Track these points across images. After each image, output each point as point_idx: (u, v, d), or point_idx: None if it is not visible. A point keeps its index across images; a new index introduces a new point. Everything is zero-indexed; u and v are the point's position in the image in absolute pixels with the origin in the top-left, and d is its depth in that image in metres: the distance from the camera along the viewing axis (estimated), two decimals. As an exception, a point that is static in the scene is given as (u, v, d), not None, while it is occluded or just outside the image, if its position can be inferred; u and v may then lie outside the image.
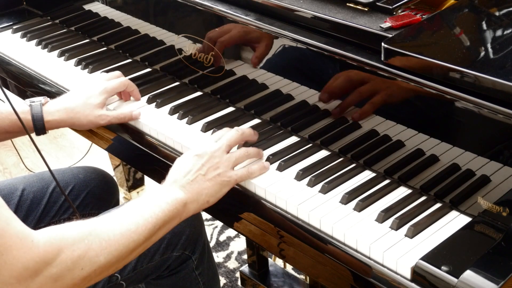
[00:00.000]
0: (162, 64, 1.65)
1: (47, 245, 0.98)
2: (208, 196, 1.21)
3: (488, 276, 0.98)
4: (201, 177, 1.20)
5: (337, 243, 1.13)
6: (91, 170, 1.65)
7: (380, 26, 1.25)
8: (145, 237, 1.10)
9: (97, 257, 1.02)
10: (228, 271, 2.31)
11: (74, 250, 1.00)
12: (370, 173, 1.27)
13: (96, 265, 1.02)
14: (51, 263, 0.97)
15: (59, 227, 1.03)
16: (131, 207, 1.12)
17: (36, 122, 1.41)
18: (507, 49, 1.15)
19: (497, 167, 1.12)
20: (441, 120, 1.19)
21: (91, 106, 1.44)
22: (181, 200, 1.16)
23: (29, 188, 1.54)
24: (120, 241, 1.05)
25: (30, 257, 0.95)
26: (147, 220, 1.10)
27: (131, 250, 1.07)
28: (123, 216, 1.09)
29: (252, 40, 1.43)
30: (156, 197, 1.16)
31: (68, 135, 3.19)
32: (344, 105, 1.32)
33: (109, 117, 1.46)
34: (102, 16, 1.81)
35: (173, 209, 1.15)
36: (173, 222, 1.16)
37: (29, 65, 1.76)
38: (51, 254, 0.97)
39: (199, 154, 1.23)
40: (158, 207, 1.13)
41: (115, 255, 1.05)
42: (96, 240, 1.03)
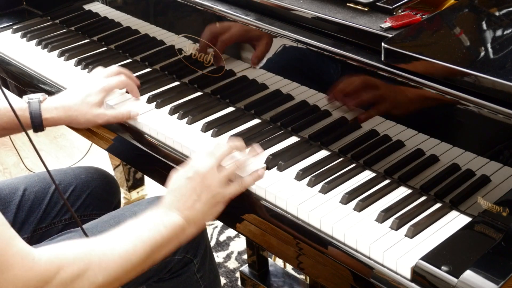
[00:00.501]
0: (162, 64, 1.65)
1: (47, 263, 0.99)
2: (205, 219, 1.21)
3: (488, 276, 0.98)
4: (196, 201, 1.19)
5: (337, 243, 1.13)
6: (92, 171, 1.65)
7: (380, 26, 1.25)
8: (142, 259, 1.11)
9: (95, 276, 1.03)
10: (228, 271, 2.31)
11: (74, 270, 1.01)
12: (370, 173, 1.27)
13: (94, 285, 1.03)
14: (51, 281, 0.98)
15: (60, 245, 1.04)
16: (129, 228, 1.13)
17: (34, 120, 1.42)
18: (507, 49, 1.15)
19: (497, 167, 1.12)
20: (441, 120, 1.19)
21: (89, 105, 1.44)
22: (179, 226, 1.17)
23: (30, 188, 1.54)
24: (118, 262, 1.06)
25: (31, 276, 0.96)
26: (145, 243, 1.11)
27: (128, 271, 1.09)
28: (122, 237, 1.10)
29: (252, 39, 1.43)
30: (155, 219, 1.16)
31: (68, 135, 3.19)
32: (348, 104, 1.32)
33: (106, 116, 1.46)
34: (102, 16, 1.81)
35: (171, 233, 1.15)
36: (171, 245, 1.16)
37: (29, 65, 1.76)
38: (51, 273, 0.98)
39: (191, 177, 1.20)
40: (157, 230, 1.13)
41: (112, 275, 1.06)
42: (95, 260, 1.04)
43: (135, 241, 1.10)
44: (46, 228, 1.54)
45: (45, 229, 1.54)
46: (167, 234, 1.14)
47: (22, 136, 3.20)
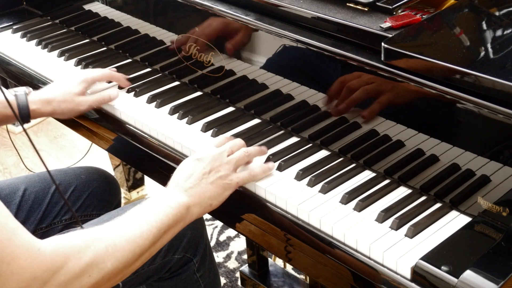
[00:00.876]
0: (162, 64, 1.65)
1: (53, 254, 0.98)
2: (211, 199, 1.20)
3: (488, 276, 0.98)
4: (203, 180, 1.20)
5: (337, 243, 1.13)
6: (93, 171, 1.65)
7: (380, 26, 1.25)
8: (151, 242, 1.10)
9: (104, 263, 1.02)
10: (228, 271, 2.31)
11: (81, 258, 1.00)
12: (370, 173, 1.27)
13: (103, 272, 1.02)
14: (59, 271, 0.97)
15: (65, 236, 1.03)
16: (134, 213, 1.12)
17: (22, 111, 1.47)
18: (507, 49, 1.15)
19: (497, 167, 1.12)
20: (441, 120, 1.19)
21: (71, 95, 1.51)
22: (184, 204, 1.16)
23: (30, 188, 1.54)
24: (126, 247, 1.05)
25: (37, 267, 0.95)
26: (151, 225, 1.10)
27: (137, 255, 1.07)
28: (128, 222, 1.09)
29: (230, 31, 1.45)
30: (159, 201, 1.15)
31: (68, 135, 3.19)
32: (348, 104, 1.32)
33: (88, 101, 1.52)
34: (102, 16, 1.81)
35: (177, 213, 1.14)
36: (177, 226, 1.16)
37: (29, 65, 1.76)
38: (58, 263, 0.98)
39: (200, 158, 1.23)
40: (162, 211, 1.13)
41: (121, 261, 1.04)
42: (102, 247, 1.03)
43: (141, 224, 1.09)
44: (46, 228, 1.54)
45: (46, 229, 1.54)
46: (172, 215, 1.13)
47: (22, 136, 3.20)
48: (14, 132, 3.18)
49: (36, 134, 3.23)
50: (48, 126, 3.28)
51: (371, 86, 1.25)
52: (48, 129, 3.27)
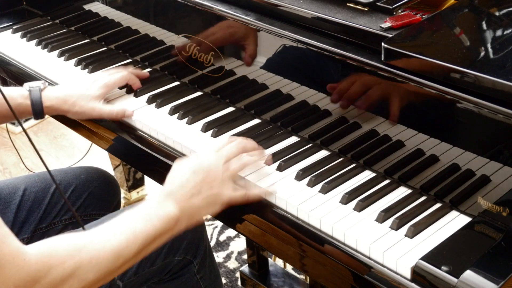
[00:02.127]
0: (162, 64, 1.65)
1: (38, 263, 0.98)
2: (200, 215, 1.20)
3: (488, 276, 0.98)
4: (195, 195, 1.17)
5: (337, 243, 1.13)
6: (93, 171, 1.65)
7: (380, 26, 1.25)
8: (135, 252, 1.09)
9: (86, 274, 1.02)
10: (228, 271, 2.31)
11: (65, 268, 1.00)
12: (370, 173, 1.27)
13: (84, 282, 1.02)
14: (41, 281, 0.98)
15: (51, 241, 1.03)
16: (123, 221, 1.11)
17: (35, 107, 1.45)
18: (507, 49, 1.15)
19: (497, 167, 1.12)
20: (441, 120, 1.19)
21: (88, 97, 1.48)
22: (174, 217, 1.15)
23: (30, 188, 1.54)
24: (109, 258, 1.05)
25: (21, 276, 0.96)
26: (137, 236, 1.09)
27: (119, 265, 1.07)
28: (114, 231, 1.09)
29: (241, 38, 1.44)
30: (149, 211, 1.14)
31: (68, 135, 3.19)
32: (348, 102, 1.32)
33: (101, 111, 1.49)
34: (102, 16, 1.81)
35: (165, 225, 1.13)
36: (164, 237, 1.14)
37: (29, 65, 1.76)
38: (41, 272, 0.98)
39: (196, 171, 1.19)
40: (150, 222, 1.12)
41: (103, 271, 1.05)
42: (86, 257, 1.02)
43: (127, 234, 1.08)
44: (46, 228, 1.54)
45: (45, 229, 1.54)
46: (160, 226, 1.12)
47: (22, 136, 3.20)
48: (14, 132, 3.18)
49: (36, 134, 3.23)
50: (48, 126, 3.28)
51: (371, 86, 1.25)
52: (48, 129, 3.27)
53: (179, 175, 1.20)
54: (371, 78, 1.24)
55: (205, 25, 1.53)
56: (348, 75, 1.29)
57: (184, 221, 1.17)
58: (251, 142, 1.29)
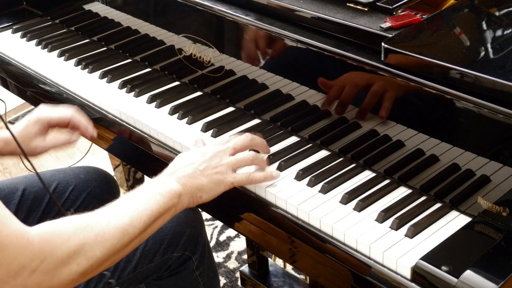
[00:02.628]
0: (162, 64, 1.65)
1: (42, 241, 0.98)
2: (202, 192, 1.19)
3: (488, 276, 0.98)
4: (198, 172, 1.19)
5: (337, 243, 1.13)
6: (92, 170, 1.65)
7: (380, 26, 1.25)
8: (140, 229, 1.09)
9: (93, 251, 1.02)
10: (228, 271, 2.31)
11: (70, 246, 1.00)
12: (370, 173, 1.27)
13: (92, 260, 1.02)
14: (47, 259, 0.98)
15: (54, 222, 1.03)
16: (126, 200, 1.12)
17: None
18: (507, 49, 1.15)
19: (497, 167, 1.12)
20: (441, 120, 1.19)
21: (29, 135, 1.44)
22: (176, 192, 1.15)
23: (30, 188, 1.54)
24: (115, 235, 1.05)
25: (26, 255, 0.96)
26: (141, 213, 1.10)
27: (126, 243, 1.07)
28: (119, 210, 1.09)
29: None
30: (151, 189, 1.15)
31: (68, 135, 3.19)
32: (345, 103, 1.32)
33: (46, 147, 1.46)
34: (102, 16, 1.81)
35: (168, 200, 1.14)
36: (168, 214, 1.15)
37: (29, 65, 1.76)
38: (46, 251, 0.98)
39: (203, 152, 1.23)
40: (153, 199, 1.12)
41: (110, 248, 1.05)
42: (91, 235, 1.03)
43: (131, 212, 1.09)
44: (46, 228, 1.54)
45: (45, 229, 1.54)
46: (163, 202, 1.13)
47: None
48: (14, 132, 3.18)
49: (36, 134, 3.22)
50: (48, 126, 3.28)
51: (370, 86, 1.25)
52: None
53: (184, 157, 1.22)
54: (370, 79, 1.24)
55: (205, 25, 1.53)
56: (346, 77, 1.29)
57: (186, 197, 1.17)
58: (259, 138, 1.30)
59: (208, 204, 1.37)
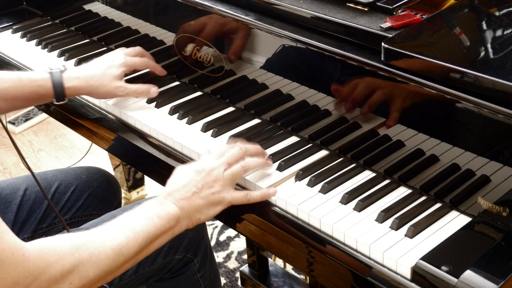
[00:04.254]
0: (162, 64, 1.65)
1: (37, 259, 0.97)
2: (200, 214, 1.19)
3: (488, 276, 0.98)
4: (195, 194, 1.18)
5: (337, 243, 1.13)
6: (93, 171, 1.65)
7: (380, 26, 1.25)
8: (135, 251, 1.09)
9: (86, 271, 1.02)
10: (228, 271, 2.31)
11: (64, 265, 1.00)
12: (370, 173, 1.27)
13: (85, 280, 1.02)
14: (40, 277, 0.97)
15: (51, 239, 1.03)
16: (122, 220, 1.11)
17: (57, 89, 1.44)
18: (507, 49, 1.15)
19: (497, 167, 1.12)
20: (441, 120, 1.19)
21: (110, 77, 1.48)
22: (174, 216, 1.15)
23: (31, 188, 1.54)
24: (110, 256, 1.05)
25: (20, 272, 0.95)
26: (137, 234, 1.09)
27: (120, 264, 1.07)
28: (114, 230, 1.09)
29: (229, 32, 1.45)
30: (149, 210, 1.14)
31: (68, 135, 3.20)
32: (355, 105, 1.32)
33: (127, 89, 1.49)
34: (102, 16, 1.82)
35: (165, 223, 1.13)
36: (165, 236, 1.15)
37: (29, 65, 1.76)
38: (40, 268, 0.97)
39: (197, 170, 1.21)
40: (150, 221, 1.12)
41: (104, 269, 1.04)
42: (86, 255, 1.02)
43: (127, 233, 1.08)
44: (47, 228, 1.54)
45: (46, 229, 1.54)
46: (161, 225, 1.12)
47: (22, 136, 3.20)
48: (14, 132, 3.19)
49: (36, 134, 3.23)
50: (48, 126, 3.28)
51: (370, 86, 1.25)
52: (48, 129, 3.27)
53: (180, 177, 1.21)
54: (370, 80, 1.24)
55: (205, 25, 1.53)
56: (348, 78, 1.29)
57: (185, 221, 1.17)
58: (254, 146, 1.29)
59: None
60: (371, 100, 1.27)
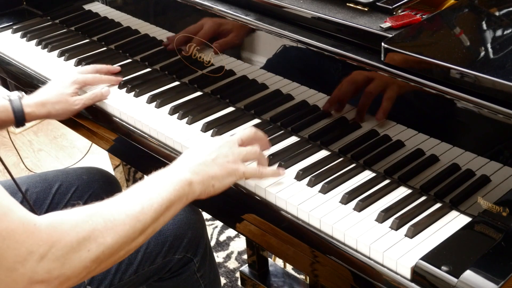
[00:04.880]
0: (162, 64, 1.65)
1: (50, 228, 0.96)
2: (214, 180, 1.18)
3: (488, 276, 0.98)
4: (210, 160, 1.18)
5: (337, 243, 1.13)
6: (94, 171, 1.65)
7: (380, 26, 1.25)
8: (152, 217, 1.07)
9: (103, 237, 1.00)
10: (228, 271, 2.31)
11: (78, 232, 0.98)
12: (370, 173, 1.27)
13: (103, 246, 1.00)
14: (56, 245, 0.96)
15: (61, 212, 1.02)
16: (135, 189, 1.11)
17: (17, 115, 1.49)
18: (507, 49, 1.15)
19: (497, 167, 1.12)
20: (441, 120, 1.19)
21: (64, 96, 1.54)
22: (187, 180, 1.14)
23: (32, 188, 1.54)
24: (126, 222, 1.03)
25: (33, 241, 0.94)
26: (152, 200, 1.08)
27: (139, 231, 1.05)
28: (128, 198, 1.08)
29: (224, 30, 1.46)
30: (161, 178, 1.14)
31: (68, 135, 3.20)
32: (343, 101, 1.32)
33: (82, 100, 1.55)
34: (102, 16, 1.82)
35: (179, 188, 1.12)
36: (180, 202, 1.13)
37: (29, 65, 1.76)
38: (54, 237, 0.96)
39: (211, 143, 1.23)
40: (163, 187, 1.11)
41: (122, 235, 1.03)
42: (100, 221, 1.01)
43: (142, 199, 1.07)
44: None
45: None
46: (174, 190, 1.12)
47: (22, 136, 3.20)
48: (14, 132, 3.19)
49: (36, 134, 3.23)
50: (48, 126, 3.28)
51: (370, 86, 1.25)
52: (48, 129, 3.27)
53: (193, 149, 1.22)
54: (370, 79, 1.24)
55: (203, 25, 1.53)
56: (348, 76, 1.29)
57: (198, 186, 1.16)
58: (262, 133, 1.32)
59: (208, 203, 1.38)
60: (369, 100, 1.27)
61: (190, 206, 1.45)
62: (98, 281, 1.37)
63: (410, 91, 1.19)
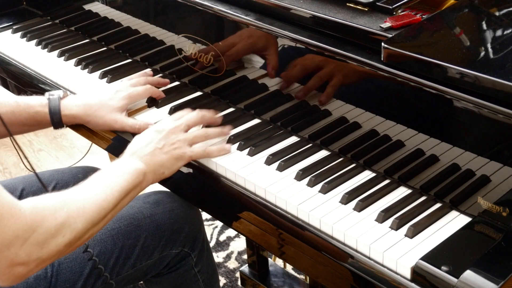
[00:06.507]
0: (162, 64, 1.65)
1: (33, 213, 1.04)
2: (163, 168, 1.28)
3: (488, 276, 0.98)
4: (157, 150, 1.27)
5: (337, 243, 1.13)
6: (90, 170, 1.65)
7: (380, 26, 1.25)
8: (113, 204, 1.18)
9: (76, 223, 1.10)
10: (228, 271, 2.31)
11: (56, 218, 1.07)
12: (370, 173, 1.27)
13: (75, 232, 1.10)
14: (37, 230, 1.04)
15: (40, 197, 1.09)
16: (98, 179, 1.20)
17: (53, 116, 1.44)
18: (507, 49, 1.15)
19: (497, 167, 1.12)
20: (441, 120, 1.19)
21: (110, 108, 1.44)
22: (141, 170, 1.24)
23: (28, 188, 1.54)
24: (93, 209, 1.14)
25: (19, 226, 1.01)
26: (113, 189, 1.18)
27: (102, 216, 1.15)
28: (93, 187, 1.17)
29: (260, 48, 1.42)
30: (118, 168, 1.23)
31: (68, 135, 3.20)
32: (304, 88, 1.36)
33: (124, 123, 1.44)
34: (102, 16, 1.81)
35: (135, 178, 1.22)
36: (135, 190, 1.23)
37: (29, 65, 1.76)
38: (37, 222, 1.04)
39: (158, 130, 1.30)
40: (121, 177, 1.21)
41: (89, 221, 1.13)
42: (73, 208, 1.10)
43: (105, 188, 1.18)
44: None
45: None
46: (131, 179, 1.22)
47: (22, 136, 3.20)
48: (14, 132, 3.18)
49: (36, 134, 3.23)
50: (48, 126, 3.28)
51: (370, 86, 1.25)
52: (48, 129, 3.27)
53: (142, 137, 1.30)
54: (370, 79, 1.24)
55: (205, 25, 1.53)
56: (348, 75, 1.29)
57: (150, 175, 1.26)
58: (209, 112, 1.39)
59: (208, 203, 1.38)
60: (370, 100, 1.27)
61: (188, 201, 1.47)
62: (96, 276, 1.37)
63: (410, 91, 1.19)
